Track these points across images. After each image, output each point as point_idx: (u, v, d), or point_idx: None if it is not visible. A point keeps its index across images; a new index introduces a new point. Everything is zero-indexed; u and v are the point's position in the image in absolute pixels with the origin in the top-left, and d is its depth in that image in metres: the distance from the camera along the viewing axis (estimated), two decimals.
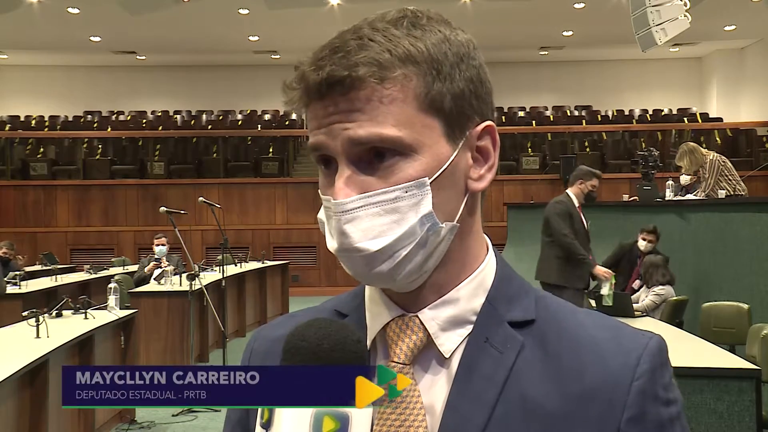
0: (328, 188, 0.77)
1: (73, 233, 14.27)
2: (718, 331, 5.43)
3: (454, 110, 0.76)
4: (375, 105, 0.73)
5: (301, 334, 0.70)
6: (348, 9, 13.58)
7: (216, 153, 15.42)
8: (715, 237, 6.81)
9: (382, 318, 0.80)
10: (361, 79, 0.72)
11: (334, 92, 0.73)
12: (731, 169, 7.65)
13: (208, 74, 18.43)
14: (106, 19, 14.30)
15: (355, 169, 0.75)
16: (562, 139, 15.64)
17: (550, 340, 0.79)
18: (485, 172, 0.80)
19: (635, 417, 0.75)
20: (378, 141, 0.73)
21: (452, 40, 0.77)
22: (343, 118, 0.74)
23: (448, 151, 0.76)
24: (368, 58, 0.73)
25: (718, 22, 14.76)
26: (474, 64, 0.79)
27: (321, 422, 0.64)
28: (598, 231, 7.48)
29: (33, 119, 17.65)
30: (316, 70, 0.74)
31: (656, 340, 0.80)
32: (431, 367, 0.79)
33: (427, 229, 0.75)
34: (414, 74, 0.74)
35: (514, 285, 0.83)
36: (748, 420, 3.76)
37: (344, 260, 0.76)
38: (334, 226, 0.75)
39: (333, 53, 0.74)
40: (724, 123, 16.26)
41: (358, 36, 0.74)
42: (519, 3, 13.59)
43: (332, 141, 0.75)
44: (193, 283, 6.66)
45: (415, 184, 0.74)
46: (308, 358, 0.68)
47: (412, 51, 0.74)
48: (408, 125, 0.74)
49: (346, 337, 0.70)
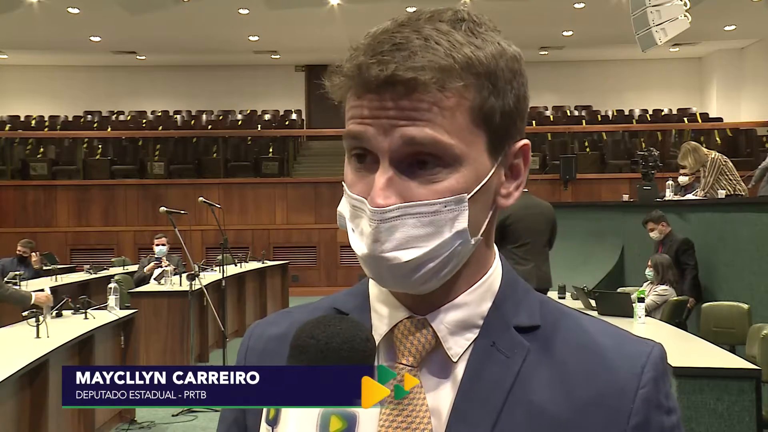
0: (358, 185, 0.75)
1: (73, 233, 14.27)
2: (718, 331, 5.43)
3: (501, 127, 0.76)
4: (432, 110, 0.72)
5: (309, 332, 0.69)
6: (348, 9, 13.58)
7: (216, 153, 15.42)
8: (715, 237, 6.81)
9: (390, 319, 0.80)
10: (425, 84, 0.71)
11: (395, 91, 0.72)
12: (732, 169, 7.65)
13: (208, 74, 18.43)
14: (106, 19, 14.30)
15: (396, 171, 0.73)
16: (562, 139, 15.64)
17: (555, 346, 0.79)
18: (513, 190, 0.80)
19: (640, 424, 0.76)
20: (431, 145, 0.72)
21: (507, 54, 0.77)
22: (398, 115, 0.72)
23: (488, 167, 0.76)
24: (434, 63, 0.71)
25: (718, 22, 14.76)
26: (523, 82, 0.79)
27: (328, 421, 0.64)
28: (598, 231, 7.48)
29: (33, 119, 17.65)
30: (378, 65, 0.72)
31: (658, 348, 0.80)
32: (437, 371, 0.78)
33: (460, 244, 0.75)
34: (472, 86, 0.73)
35: (519, 290, 0.83)
36: (748, 420, 3.76)
37: (370, 265, 0.75)
38: (367, 231, 0.74)
39: (396, 49, 0.72)
40: (724, 123, 16.26)
41: (421, 35, 0.73)
42: (519, 3, 13.59)
43: (381, 135, 0.73)
44: (193, 283, 6.66)
45: (454, 200, 0.73)
46: (316, 356, 0.68)
47: (474, 60, 0.73)
48: (459, 136, 0.73)
49: (355, 336, 0.69)
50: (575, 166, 13.99)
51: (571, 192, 13.92)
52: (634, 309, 5.22)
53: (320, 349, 0.68)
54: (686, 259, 6.73)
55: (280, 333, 0.86)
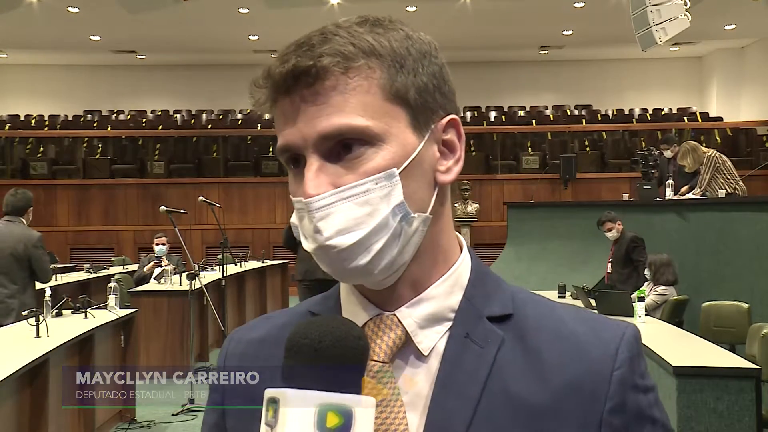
0: (299, 189, 0.77)
1: (73, 233, 14.27)
2: (718, 330, 5.44)
3: (418, 102, 0.77)
4: (340, 95, 0.74)
5: (302, 332, 0.70)
6: (348, 8, 13.58)
7: (216, 152, 15.42)
8: (715, 237, 6.81)
9: (359, 318, 0.80)
10: (326, 68, 0.74)
11: (300, 84, 0.74)
12: (731, 168, 7.65)
13: (208, 74, 18.42)
14: (106, 18, 14.29)
15: (324, 161, 0.75)
16: (562, 139, 15.63)
17: (529, 334, 0.80)
18: (452, 165, 0.81)
19: (617, 406, 0.77)
20: (347, 131, 0.74)
21: (414, 38, 0.79)
22: (310, 112, 0.74)
23: (415, 142, 0.77)
24: (332, 50, 0.74)
25: (718, 22, 14.76)
26: (436, 62, 0.80)
27: (325, 418, 0.65)
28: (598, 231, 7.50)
29: (33, 118, 17.64)
30: (281, 64, 0.75)
31: (632, 329, 0.81)
32: (410, 365, 0.79)
33: (400, 219, 0.75)
34: (377, 66, 0.75)
35: (489, 282, 0.84)
36: (748, 419, 3.77)
37: (321, 258, 0.76)
38: (308, 225, 0.76)
39: (298, 48, 0.75)
40: (724, 122, 16.25)
41: (321, 33, 0.76)
42: (519, 3, 13.57)
43: (301, 138, 0.75)
44: (193, 282, 6.65)
45: (384, 176, 0.74)
46: (309, 355, 0.69)
47: (375, 45, 0.76)
48: (374, 115, 0.75)
49: (347, 333, 0.70)
50: (575, 166, 13.99)
51: (571, 191, 13.91)
52: (634, 309, 5.23)
53: (313, 348, 0.69)
54: (637, 255, 6.91)
55: (259, 336, 0.88)
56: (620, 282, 7.06)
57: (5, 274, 5.34)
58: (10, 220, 5.50)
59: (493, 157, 14.81)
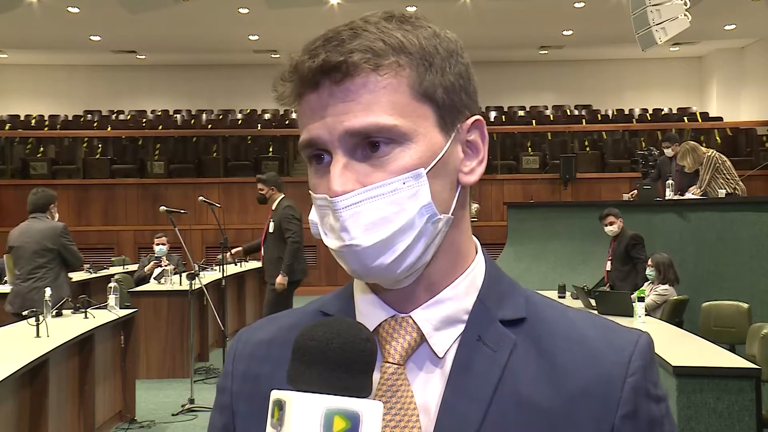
0: (321, 185, 0.76)
1: (73, 233, 14.11)
2: (718, 330, 5.44)
3: (446, 101, 0.77)
4: (370, 93, 0.73)
5: (310, 334, 0.69)
6: (348, 8, 13.57)
7: (216, 152, 15.42)
8: (715, 237, 6.81)
9: (374, 318, 0.80)
10: (356, 65, 0.73)
11: (329, 80, 0.74)
12: (730, 168, 7.66)
13: (208, 74, 18.42)
14: (106, 18, 14.30)
15: (350, 159, 0.74)
16: (562, 139, 15.64)
17: (542, 338, 0.79)
18: (476, 166, 0.81)
19: (629, 414, 0.76)
20: (374, 130, 0.73)
21: (442, 36, 0.78)
22: (339, 108, 0.74)
23: (442, 142, 0.76)
24: (362, 46, 0.73)
25: (718, 22, 14.76)
26: (462, 61, 0.79)
27: (332, 422, 0.64)
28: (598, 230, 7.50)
29: (33, 118, 17.64)
30: (310, 59, 0.74)
31: (645, 337, 0.80)
32: (425, 367, 0.79)
33: (426, 220, 0.75)
34: (407, 64, 0.75)
35: (503, 284, 0.83)
36: (748, 419, 3.77)
37: (344, 256, 0.75)
38: (333, 224, 0.75)
39: (327, 42, 0.74)
40: (724, 122, 16.26)
41: (350, 28, 0.75)
42: (519, 3, 13.58)
43: (328, 134, 0.74)
44: (193, 282, 6.65)
45: (412, 175, 0.74)
46: (317, 358, 0.68)
47: (405, 42, 0.75)
48: (403, 113, 0.74)
49: (355, 336, 0.69)
50: (575, 166, 13.99)
51: (571, 191, 13.92)
52: (634, 308, 5.23)
53: (321, 350, 0.68)
54: (637, 253, 6.94)
55: (267, 338, 0.87)
56: (619, 280, 7.06)
57: (37, 266, 5.75)
58: (36, 217, 6.01)
59: (493, 157, 14.80)
